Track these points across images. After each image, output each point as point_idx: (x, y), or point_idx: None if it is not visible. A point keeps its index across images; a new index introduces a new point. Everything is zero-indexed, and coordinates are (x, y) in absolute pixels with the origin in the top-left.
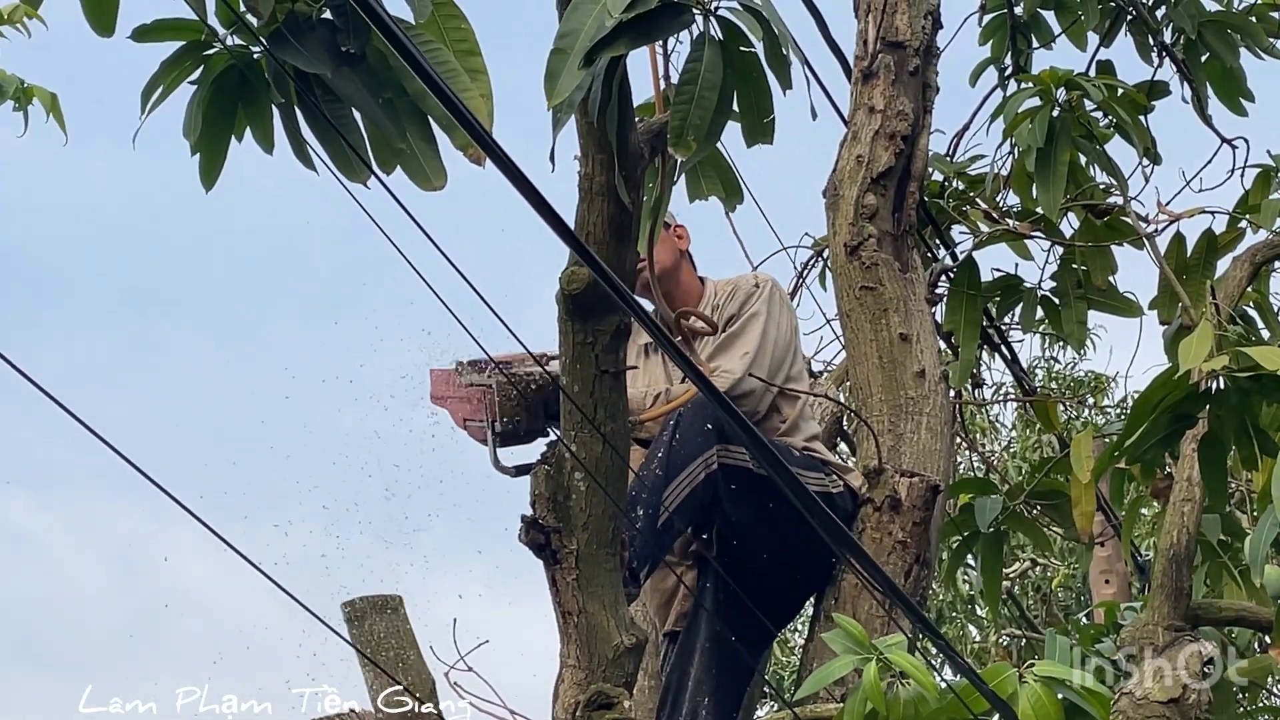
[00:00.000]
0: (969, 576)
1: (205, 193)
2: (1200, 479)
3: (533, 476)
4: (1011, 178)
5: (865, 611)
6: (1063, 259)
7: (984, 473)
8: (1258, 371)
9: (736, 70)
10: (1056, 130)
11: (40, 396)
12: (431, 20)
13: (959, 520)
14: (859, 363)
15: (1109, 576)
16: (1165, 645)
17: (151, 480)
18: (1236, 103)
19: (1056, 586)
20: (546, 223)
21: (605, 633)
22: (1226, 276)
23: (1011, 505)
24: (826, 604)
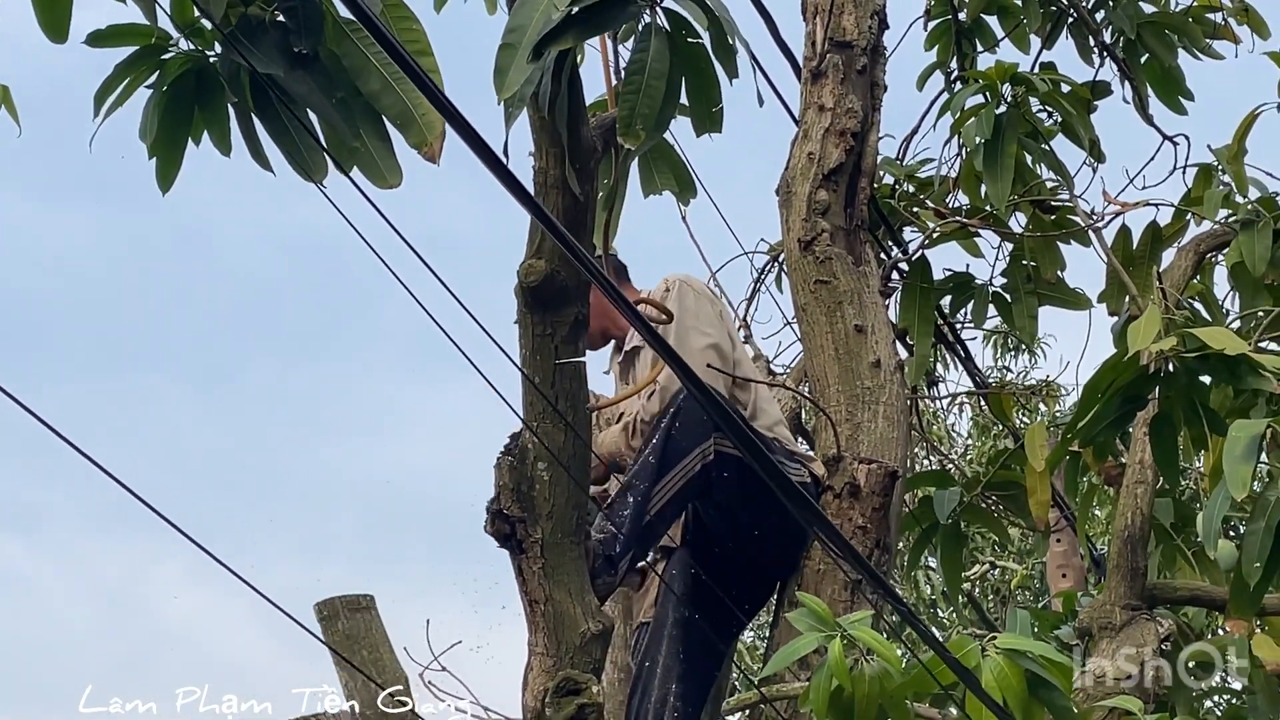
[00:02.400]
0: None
1: (162, 194)
2: (1152, 461)
3: (496, 468)
4: (960, 178)
5: (828, 595)
6: (1012, 255)
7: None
8: (1205, 351)
9: (684, 60)
10: (1003, 125)
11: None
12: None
13: (918, 513)
14: (815, 355)
15: (1065, 570)
16: (1123, 624)
17: (150, 507)
18: (1176, 101)
19: (1015, 587)
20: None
21: (572, 619)
22: (1172, 266)
23: (969, 497)
24: (791, 591)
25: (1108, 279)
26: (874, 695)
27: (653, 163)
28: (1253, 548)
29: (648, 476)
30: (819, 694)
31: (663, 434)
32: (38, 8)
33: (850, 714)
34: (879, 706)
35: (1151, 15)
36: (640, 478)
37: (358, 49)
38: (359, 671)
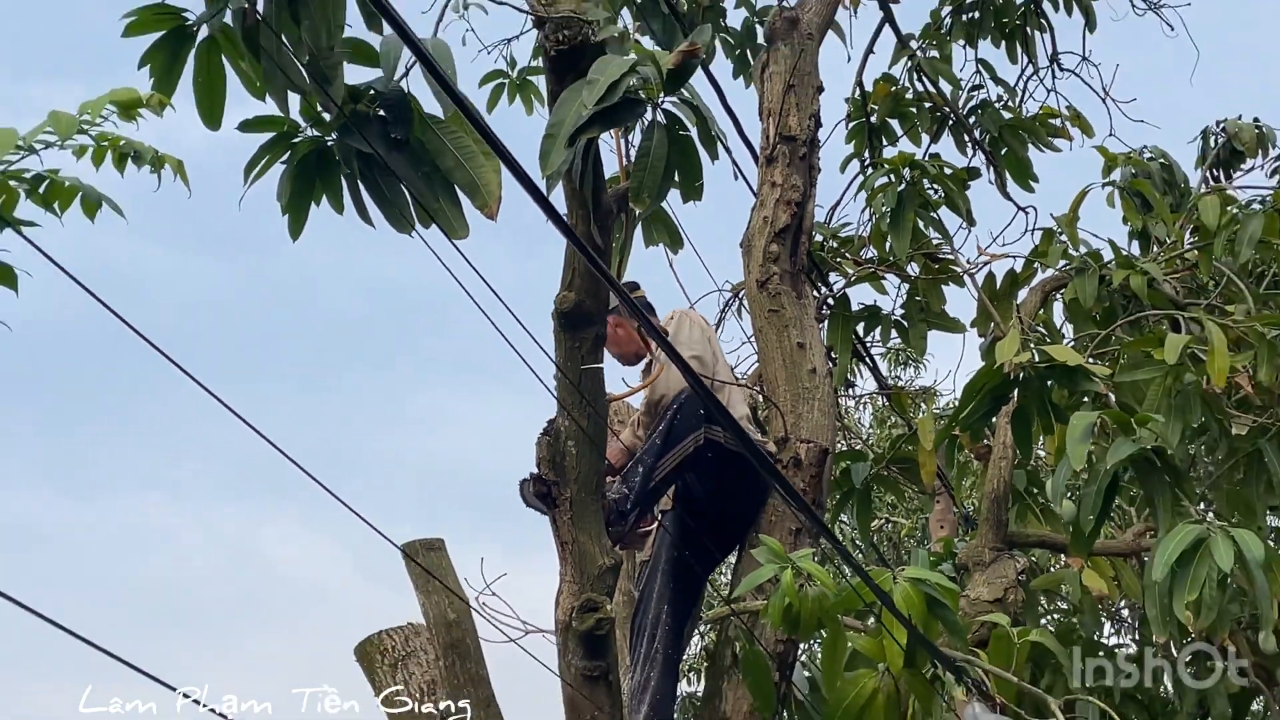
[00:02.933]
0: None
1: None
2: (1012, 442)
3: (536, 445)
4: (871, 237)
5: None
6: (909, 293)
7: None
8: (1052, 363)
9: (678, 147)
10: (904, 198)
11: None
12: (455, 116)
13: (839, 480)
14: (768, 364)
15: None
16: (990, 561)
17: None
18: (1026, 182)
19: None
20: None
21: (592, 556)
22: (1026, 301)
23: (877, 469)
24: (749, 538)
25: (978, 310)
26: (815, 611)
27: (652, 223)
28: (1087, 504)
29: (654, 453)
30: (775, 609)
31: (667, 421)
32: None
33: (797, 624)
34: (818, 619)
35: (1009, 119)
36: (649, 454)
37: (437, 136)
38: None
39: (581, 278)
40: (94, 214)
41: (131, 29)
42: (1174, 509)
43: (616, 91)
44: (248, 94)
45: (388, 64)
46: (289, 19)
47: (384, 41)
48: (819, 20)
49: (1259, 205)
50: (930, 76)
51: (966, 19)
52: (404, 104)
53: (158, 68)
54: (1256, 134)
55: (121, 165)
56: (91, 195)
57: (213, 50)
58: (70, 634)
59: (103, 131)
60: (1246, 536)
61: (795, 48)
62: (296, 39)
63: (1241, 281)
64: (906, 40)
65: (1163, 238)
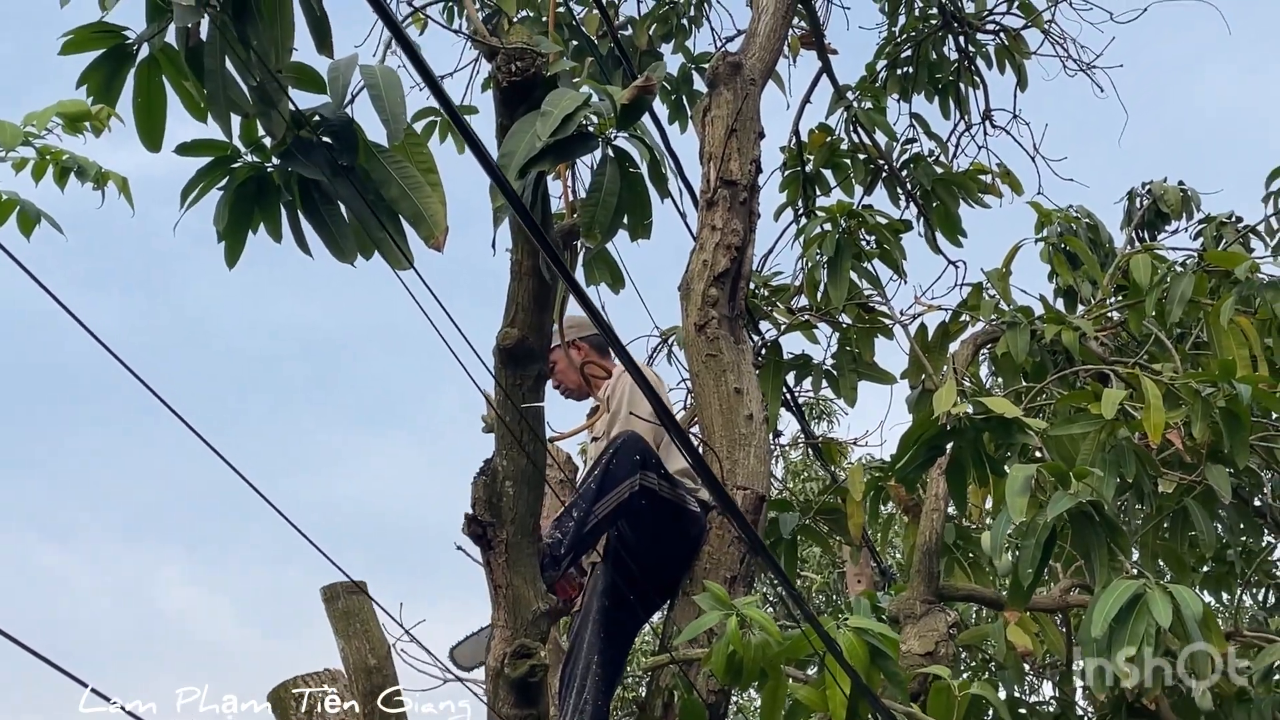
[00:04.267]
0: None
1: (229, 270)
2: (945, 493)
3: (472, 484)
4: (804, 285)
5: None
6: (840, 343)
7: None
8: (989, 414)
9: (628, 184)
10: (842, 246)
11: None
12: (401, 145)
13: (767, 530)
14: (705, 409)
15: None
16: (922, 614)
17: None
18: (955, 236)
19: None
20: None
21: (526, 600)
22: (958, 353)
23: (805, 519)
24: (684, 585)
25: (910, 362)
26: (758, 659)
27: (594, 261)
28: (1026, 558)
29: (589, 498)
30: (719, 657)
31: (603, 467)
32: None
33: (740, 673)
34: (761, 668)
35: (941, 174)
36: (584, 498)
37: (382, 165)
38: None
39: (525, 313)
40: (30, 230)
41: (68, 48)
42: (1109, 564)
43: (570, 124)
44: (188, 114)
45: (335, 89)
46: (234, 40)
47: (332, 66)
48: (761, 66)
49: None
50: (866, 128)
51: (901, 73)
52: (349, 131)
53: (95, 87)
54: (1181, 196)
55: (63, 181)
56: (30, 211)
57: (153, 70)
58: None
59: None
60: (1184, 593)
61: (738, 92)
62: (242, 61)
63: (1169, 340)
64: (843, 91)
65: (1088, 295)
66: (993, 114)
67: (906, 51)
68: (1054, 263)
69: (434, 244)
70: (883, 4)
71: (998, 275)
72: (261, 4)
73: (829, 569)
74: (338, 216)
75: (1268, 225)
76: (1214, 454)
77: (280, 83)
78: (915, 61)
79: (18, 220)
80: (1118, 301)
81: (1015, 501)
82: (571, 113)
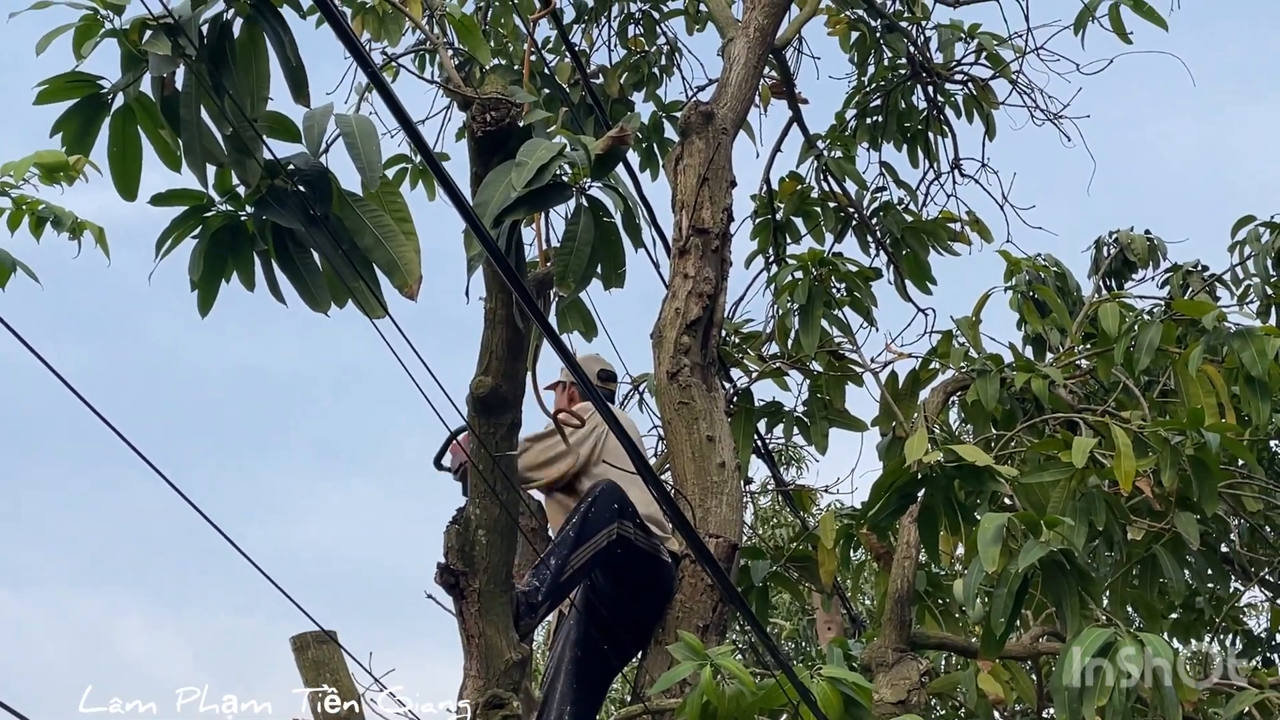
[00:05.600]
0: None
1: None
2: (917, 541)
3: (445, 533)
4: (775, 332)
5: None
6: (811, 390)
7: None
8: (960, 462)
9: (602, 233)
10: (814, 294)
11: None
12: (374, 194)
13: (739, 578)
14: (677, 456)
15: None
16: (894, 662)
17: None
18: (924, 284)
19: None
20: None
21: (499, 650)
22: (928, 401)
23: (776, 566)
24: (656, 633)
25: (880, 409)
26: (733, 710)
27: (567, 309)
28: (999, 607)
29: (568, 545)
30: (693, 708)
31: (581, 515)
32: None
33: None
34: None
35: (911, 222)
36: (562, 546)
37: (356, 214)
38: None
39: (500, 362)
40: (5, 280)
41: (43, 97)
42: (1081, 612)
43: (545, 174)
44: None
45: (310, 138)
46: (209, 90)
47: (307, 115)
48: (733, 115)
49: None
50: (836, 176)
51: (871, 122)
52: (324, 180)
53: (70, 136)
54: (1148, 245)
55: (38, 230)
56: (5, 260)
57: (128, 119)
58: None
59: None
60: (1155, 641)
61: (710, 141)
62: (217, 110)
63: (1137, 388)
64: (814, 140)
65: (1056, 343)
66: (961, 163)
67: (876, 101)
68: (1023, 311)
69: (407, 292)
70: (852, 54)
71: (968, 323)
72: (238, 53)
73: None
74: (311, 265)
75: (1233, 274)
76: (1183, 501)
77: (256, 131)
78: (885, 111)
79: None
80: (1086, 349)
81: (987, 551)
82: (546, 163)
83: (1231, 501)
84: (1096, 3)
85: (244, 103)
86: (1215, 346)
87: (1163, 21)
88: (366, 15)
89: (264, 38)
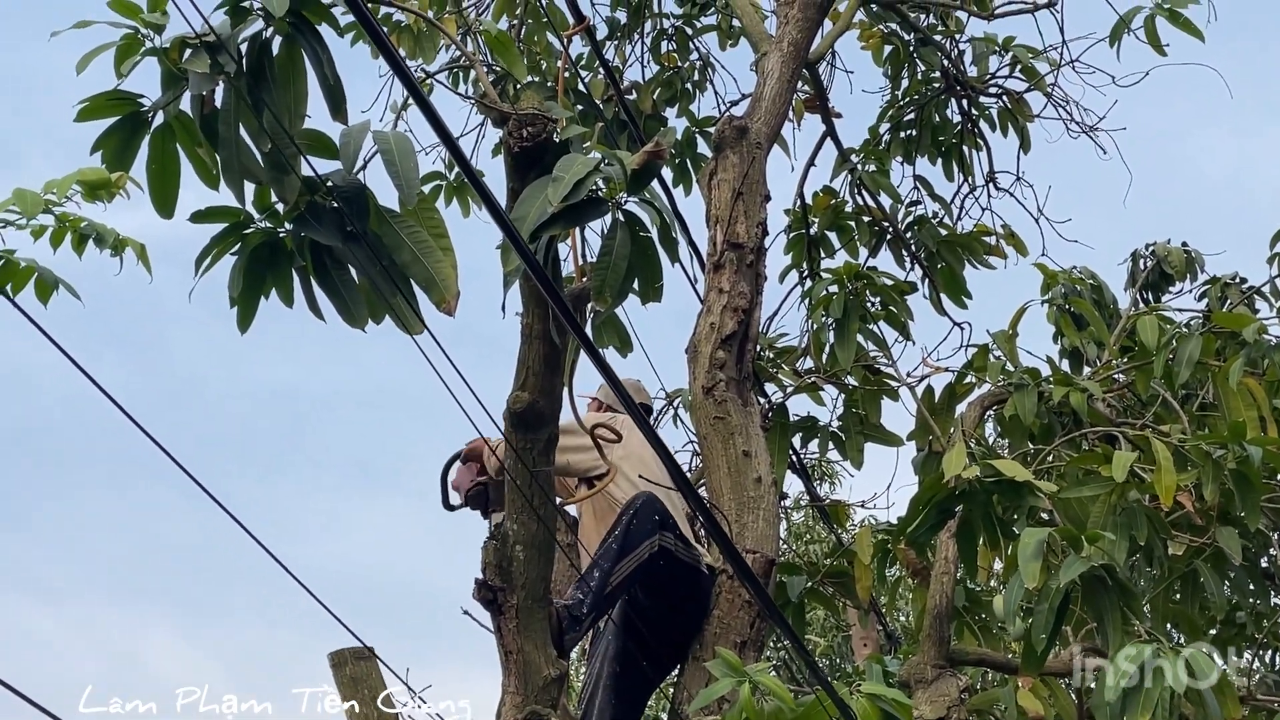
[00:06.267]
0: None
1: (241, 335)
2: (955, 557)
3: (483, 549)
4: (810, 347)
5: None
6: (846, 404)
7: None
8: (999, 477)
9: (638, 247)
10: (850, 307)
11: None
12: (412, 210)
13: (775, 594)
14: (713, 472)
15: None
16: (933, 679)
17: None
18: (959, 298)
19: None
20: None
21: (537, 666)
22: (965, 415)
23: (812, 583)
24: (694, 649)
25: (917, 424)
26: None
27: (603, 325)
28: (1039, 623)
29: (611, 558)
30: None
31: (624, 527)
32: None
33: None
34: None
35: (945, 236)
36: (605, 559)
37: (394, 230)
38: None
39: (536, 377)
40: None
41: (84, 114)
42: (1122, 628)
43: (582, 190)
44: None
45: (347, 155)
46: (248, 107)
47: (344, 132)
48: (767, 130)
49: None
50: (870, 190)
51: (905, 136)
52: (361, 196)
53: (111, 153)
54: (1185, 257)
55: (80, 247)
56: (48, 278)
57: (167, 137)
58: None
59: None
60: (1198, 656)
61: (744, 156)
62: (255, 128)
63: (1176, 401)
64: (848, 154)
65: (1093, 357)
66: (996, 176)
67: (910, 115)
68: (1060, 324)
69: (445, 308)
70: (886, 68)
71: (1004, 337)
72: (277, 71)
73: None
74: (349, 281)
75: (1273, 286)
76: (1224, 516)
77: (298, 148)
78: (918, 124)
79: (35, 287)
80: (1124, 363)
81: (1028, 566)
82: (583, 178)
83: (1273, 515)
84: (1132, 14)
85: (283, 120)
86: (1256, 359)
87: (1199, 33)
88: (402, 34)
89: (303, 56)
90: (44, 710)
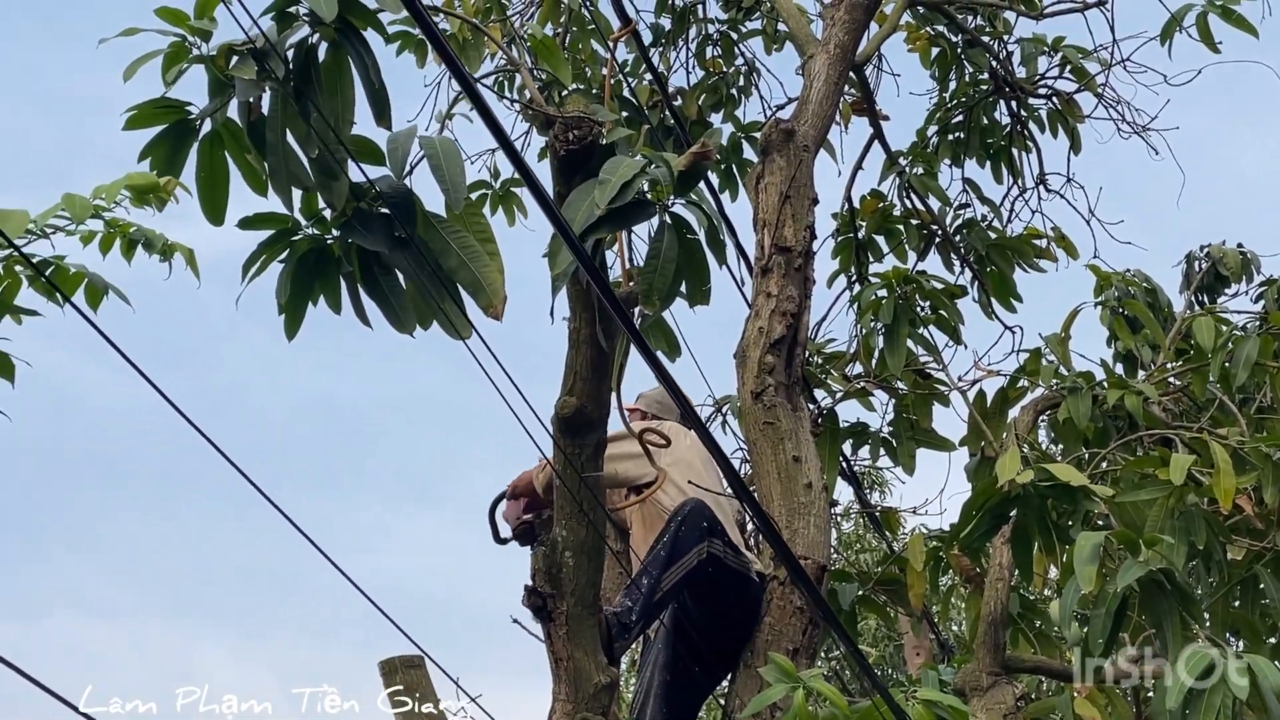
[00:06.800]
0: None
1: (288, 342)
2: (1009, 563)
3: (532, 556)
4: (859, 352)
5: None
6: (897, 410)
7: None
8: (1054, 481)
9: (686, 250)
10: (899, 312)
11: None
12: (459, 215)
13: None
14: (763, 477)
15: (919, 651)
16: (988, 687)
17: None
18: (1009, 301)
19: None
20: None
21: (587, 673)
22: (1018, 419)
23: (864, 590)
24: (745, 657)
25: (969, 428)
26: None
27: (650, 329)
28: (1096, 629)
29: (659, 565)
30: None
31: (672, 534)
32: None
33: None
34: None
35: (995, 239)
36: (654, 566)
37: (440, 235)
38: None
39: (584, 382)
40: (98, 303)
41: (132, 122)
42: (1182, 634)
43: (628, 192)
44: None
45: (394, 160)
46: (295, 114)
47: (391, 138)
48: (814, 133)
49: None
50: (919, 193)
51: (953, 138)
52: (408, 202)
53: (159, 161)
54: (1241, 259)
55: (129, 253)
56: (98, 283)
57: (215, 144)
58: None
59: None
60: (1261, 662)
61: (791, 159)
62: (303, 134)
63: (1233, 403)
64: (895, 157)
65: (1148, 360)
66: (1046, 178)
67: (958, 117)
68: (1114, 327)
69: (493, 313)
70: (933, 70)
71: (1057, 340)
72: (323, 77)
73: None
74: (397, 287)
75: None
76: None
77: (349, 152)
78: (967, 127)
79: (85, 293)
80: (1179, 366)
81: (1084, 571)
82: (629, 180)
83: None
84: (1184, 12)
85: (329, 126)
86: None
87: (1253, 29)
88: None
89: (349, 61)
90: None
